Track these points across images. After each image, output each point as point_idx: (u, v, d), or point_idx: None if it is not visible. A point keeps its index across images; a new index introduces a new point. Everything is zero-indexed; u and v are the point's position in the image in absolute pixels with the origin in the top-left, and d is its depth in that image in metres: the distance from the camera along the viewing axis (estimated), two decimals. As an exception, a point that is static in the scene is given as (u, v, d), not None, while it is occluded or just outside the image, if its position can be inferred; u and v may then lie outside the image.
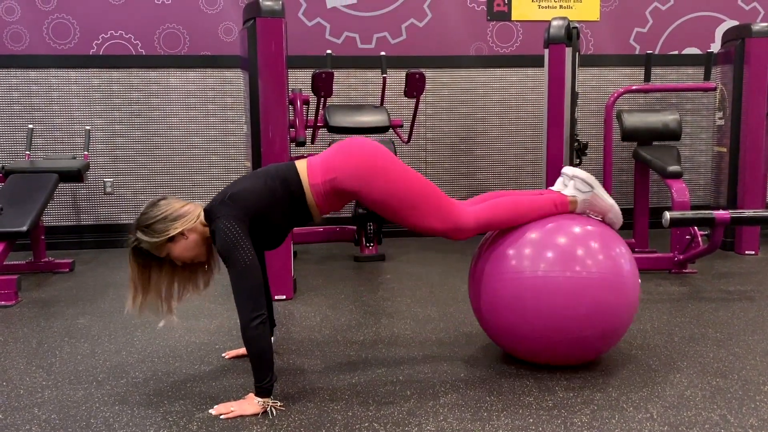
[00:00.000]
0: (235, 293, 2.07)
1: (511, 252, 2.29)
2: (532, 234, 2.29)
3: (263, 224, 2.19)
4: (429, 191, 2.26)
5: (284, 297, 3.34)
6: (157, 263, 2.22)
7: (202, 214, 2.20)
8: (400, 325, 2.95)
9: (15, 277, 3.41)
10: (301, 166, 2.25)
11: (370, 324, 2.97)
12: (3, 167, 4.02)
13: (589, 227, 2.32)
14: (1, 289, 3.35)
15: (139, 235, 2.15)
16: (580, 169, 2.40)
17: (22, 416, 2.10)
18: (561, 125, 3.79)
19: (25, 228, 3.58)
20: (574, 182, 2.38)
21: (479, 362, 2.48)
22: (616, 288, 2.25)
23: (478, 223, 2.29)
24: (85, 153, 4.43)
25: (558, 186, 2.45)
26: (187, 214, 2.17)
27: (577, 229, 2.30)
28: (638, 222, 4.29)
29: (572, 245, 2.26)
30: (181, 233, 2.15)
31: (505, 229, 2.35)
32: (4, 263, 3.67)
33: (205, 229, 2.19)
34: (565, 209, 2.36)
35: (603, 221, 2.41)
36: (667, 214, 3.18)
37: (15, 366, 2.53)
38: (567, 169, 2.42)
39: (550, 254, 2.24)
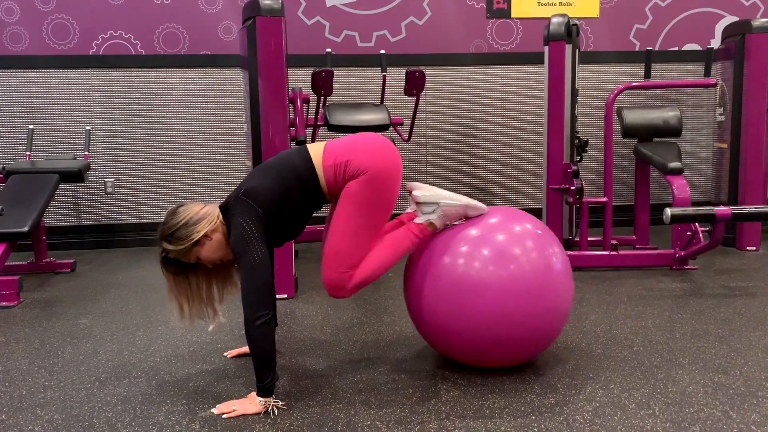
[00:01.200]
0: (242, 290, 2.08)
1: (445, 250, 2.25)
2: (472, 230, 2.25)
3: (281, 215, 2.21)
4: (370, 233, 2.25)
5: (286, 296, 3.35)
6: (191, 270, 2.24)
7: (220, 213, 2.21)
8: (401, 323, 2.95)
9: (17, 277, 3.41)
10: (316, 149, 2.27)
11: (372, 322, 2.98)
12: (4, 168, 4.02)
13: (528, 225, 2.28)
14: (2, 290, 3.36)
15: (165, 245, 2.16)
16: (418, 191, 2.32)
17: (25, 416, 2.11)
18: (561, 122, 3.79)
19: (26, 228, 3.58)
20: (420, 208, 2.33)
21: (481, 360, 2.48)
22: (546, 288, 2.20)
23: (355, 285, 2.26)
24: (86, 153, 4.43)
25: (414, 208, 2.39)
26: (207, 215, 2.18)
27: (517, 228, 2.27)
28: (639, 218, 4.29)
29: (506, 244, 2.22)
30: (205, 235, 2.16)
31: (436, 231, 2.32)
32: (6, 264, 3.67)
33: (224, 226, 2.20)
34: (427, 234, 2.32)
35: (469, 219, 2.33)
36: (668, 211, 3.18)
37: (17, 366, 2.54)
38: (412, 196, 2.35)
39: (486, 252, 2.20)
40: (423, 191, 2.32)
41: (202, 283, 2.27)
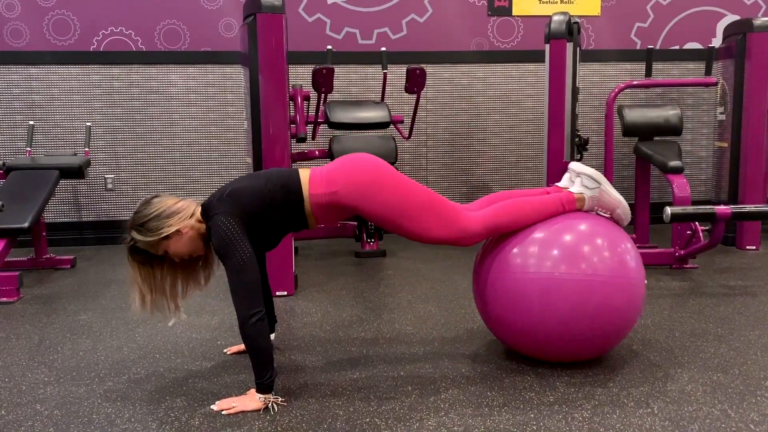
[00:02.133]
0: (232, 291, 2.07)
1: (515, 250, 2.28)
2: (538, 232, 2.29)
3: (259, 225, 2.19)
4: (431, 202, 2.25)
5: (285, 293, 3.35)
6: (157, 261, 2.22)
7: (198, 210, 2.20)
8: (401, 320, 2.95)
9: (16, 273, 3.41)
10: (304, 174, 2.25)
11: (371, 320, 2.98)
12: (4, 164, 4.02)
13: (594, 226, 2.31)
14: (2, 286, 3.36)
15: (134, 234, 2.14)
16: (586, 166, 2.38)
17: (24, 412, 2.11)
18: (562, 120, 3.79)
19: (26, 224, 3.58)
20: (580, 179, 2.36)
21: (480, 358, 2.49)
22: (620, 288, 2.24)
23: (486, 227, 2.28)
24: (86, 149, 4.43)
25: (564, 182, 2.44)
26: (181, 210, 2.17)
27: (582, 227, 2.30)
28: (639, 217, 4.28)
29: (578, 244, 2.25)
30: (177, 230, 2.14)
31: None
32: (6, 260, 3.67)
33: (201, 225, 2.18)
34: (573, 207, 2.35)
35: (611, 218, 2.40)
36: (668, 210, 3.18)
37: (17, 362, 2.54)
38: (574, 165, 2.40)
39: (555, 252, 2.24)
40: (589, 168, 2.35)
41: (167, 276, 2.24)
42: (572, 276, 2.20)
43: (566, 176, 2.44)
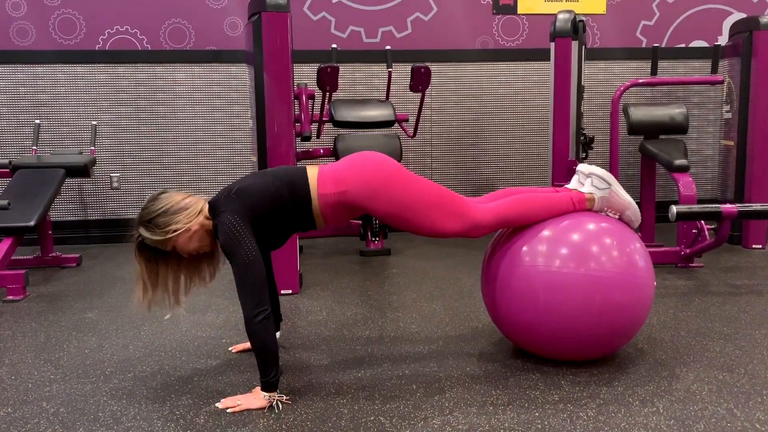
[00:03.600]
0: (238, 288, 2.07)
1: (525, 247, 2.28)
2: (547, 230, 2.28)
3: (265, 224, 2.19)
4: (439, 197, 2.25)
5: (290, 291, 3.35)
6: (163, 257, 2.23)
7: (206, 207, 2.21)
8: (405, 319, 2.95)
9: (23, 271, 3.43)
10: (312, 173, 2.25)
11: (376, 318, 2.98)
12: (10, 162, 4.04)
13: (604, 224, 2.30)
14: (9, 284, 3.38)
15: (142, 230, 2.15)
16: (596, 167, 2.38)
17: (30, 410, 2.12)
18: (567, 119, 3.78)
19: (32, 223, 3.60)
20: (591, 179, 2.35)
21: (485, 357, 2.49)
22: (629, 287, 2.24)
23: (496, 219, 2.28)
24: (92, 148, 4.44)
25: (573, 184, 2.43)
26: (189, 206, 2.17)
27: (591, 226, 2.29)
28: (645, 216, 4.26)
29: (587, 242, 2.25)
30: (185, 225, 2.14)
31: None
32: (12, 258, 3.69)
33: (208, 222, 2.19)
34: (583, 207, 2.34)
35: (620, 219, 2.39)
36: (674, 208, 3.17)
37: (23, 360, 2.55)
38: (583, 167, 2.39)
39: (564, 250, 2.23)
40: (600, 169, 2.35)
41: (171, 272, 2.25)
42: (580, 273, 2.19)
43: (575, 178, 2.43)
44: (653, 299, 2.38)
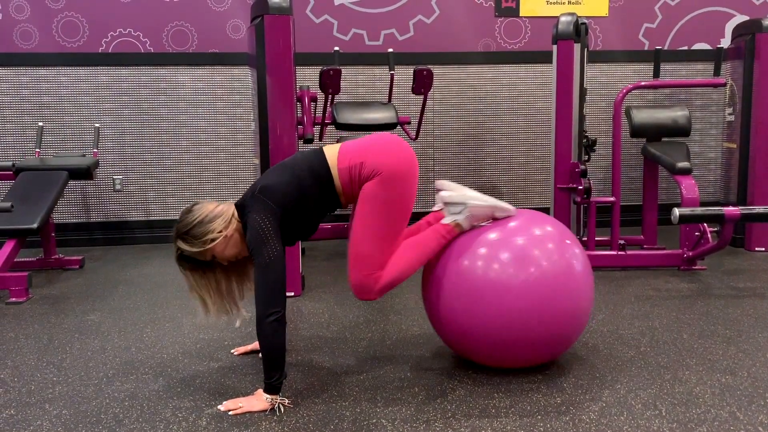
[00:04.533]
0: (255, 286, 2.09)
1: (464, 253, 2.24)
2: (490, 234, 2.25)
3: (295, 214, 2.21)
4: (396, 235, 2.25)
5: (293, 294, 3.35)
6: (208, 267, 2.24)
7: (235, 211, 2.22)
8: (407, 322, 2.95)
9: (26, 273, 3.43)
10: (332, 150, 2.27)
11: (378, 321, 2.98)
12: (13, 165, 4.05)
13: (548, 227, 2.28)
14: (12, 286, 3.38)
15: (180, 243, 2.16)
16: (446, 191, 2.33)
17: (33, 412, 2.12)
18: (569, 121, 3.78)
19: (35, 225, 3.61)
20: (447, 208, 2.33)
21: (487, 359, 2.48)
22: (566, 289, 2.19)
23: (384, 286, 2.25)
24: (95, 150, 4.45)
25: (439, 206, 2.39)
26: (222, 213, 2.19)
27: (537, 231, 2.26)
28: (647, 218, 4.27)
29: (526, 246, 2.21)
30: (221, 233, 2.16)
31: (451, 238, 2.31)
32: (15, 260, 3.70)
33: (240, 225, 2.21)
34: (454, 234, 2.31)
35: (496, 220, 2.32)
36: (676, 211, 3.16)
37: (26, 362, 2.55)
38: (440, 195, 2.35)
39: (505, 255, 2.19)
40: (450, 191, 2.33)
41: (220, 279, 2.27)
42: (517, 277, 2.15)
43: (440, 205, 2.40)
44: (592, 302, 2.33)
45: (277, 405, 2.08)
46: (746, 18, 4.95)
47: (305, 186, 2.21)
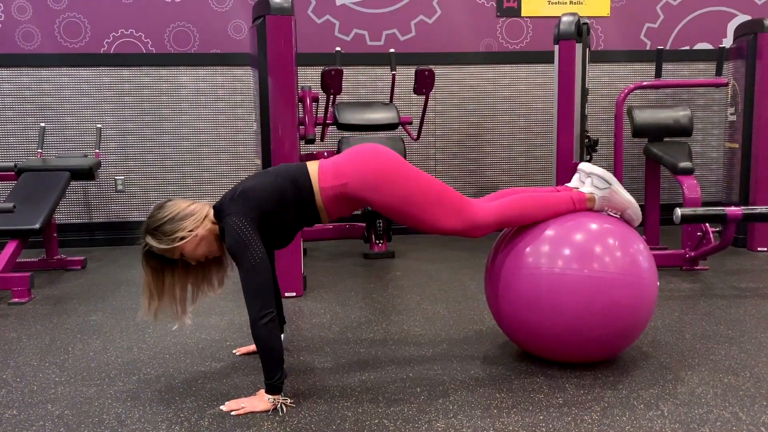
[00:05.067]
0: (244, 291, 2.08)
1: (528, 248, 2.28)
2: (550, 230, 2.28)
3: (272, 223, 2.19)
4: (441, 193, 2.24)
5: (294, 294, 3.35)
6: (170, 266, 2.22)
7: (211, 212, 2.21)
8: (409, 322, 2.95)
9: (28, 274, 3.43)
10: (313, 168, 2.25)
11: (380, 321, 2.98)
12: (16, 165, 4.06)
13: (607, 225, 2.30)
14: (14, 287, 3.39)
15: (149, 239, 2.14)
16: (596, 166, 2.38)
17: (35, 412, 2.12)
18: (571, 121, 3.78)
19: (37, 225, 3.61)
20: (591, 179, 2.35)
21: (489, 359, 2.48)
22: (633, 287, 2.23)
23: (496, 219, 2.27)
24: (97, 151, 4.46)
25: (574, 183, 2.43)
26: (195, 212, 2.17)
27: (594, 227, 2.29)
28: (649, 218, 4.26)
29: (590, 243, 2.24)
30: (191, 231, 2.14)
31: (522, 226, 2.34)
32: (17, 261, 3.70)
33: (215, 226, 2.19)
34: (583, 206, 2.34)
35: (621, 218, 2.39)
36: (678, 211, 3.16)
37: (28, 362, 2.56)
38: (584, 166, 2.39)
39: (567, 251, 2.23)
40: (600, 169, 2.35)
41: (178, 281, 2.24)
42: (583, 273, 2.19)
43: (576, 177, 2.44)
44: (657, 301, 2.38)
45: (279, 405, 2.08)
46: (748, 18, 4.94)
47: (286, 195, 2.19)
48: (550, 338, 2.28)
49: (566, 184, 2.47)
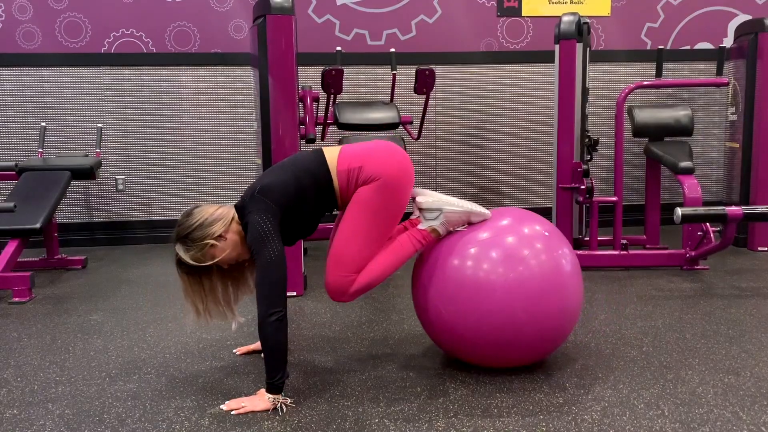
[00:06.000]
0: (257, 286, 2.09)
1: (453, 252, 2.24)
2: (481, 233, 2.25)
3: (294, 215, 2.22)
4: (380, 238, 2.26)
5: (295, 294, 3.36)
6: (205, 271, 2.23)
7: (236, 213, 2.22)
8: (410, 321, 2.95)
9: (28, 273, 3.44)
10: (332, 153, 2.29)
11: (380, 321, 2.98)
12: (16, 165, 4.06)
13: (537, 227, 2.28)
14: (15, 286, 3.39)
15: (180, 247, 2.16)
16: (421, 197, 2.33)
17: (36, 411, 2.13)
18: (572, 121, 3.78)
19: (38, 225, 3.62)
20: (422, 215, 2.33)
21: (489, 359, 2.48)
22: (556, 289, 2.19)
23: (356, 290, 2.27)
24: (97, 150, 4.46)
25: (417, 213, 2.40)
26: (222, 216, 2.19)
27: (526, 230, 2.26)
28: (649, 218, 4.27)
29: (515, 246, 2.20)
30: (220, 236, 2.16)
31: (440, 238, 2.32)
32: (18, 260, 3.70)
33: (240, 227, 2.21)
34: (431, 240, 2.32)
35: (471, 224, 2.31)
36: (679, 211, 3.16)
37: (29, 362, 2.56)
38: (415, 202, 2.35)
39: (494, 254, 2.19)
40: (426, 197, 2.33)
41: (216, 283, 2.27)
42: (506, 276, 2.15)
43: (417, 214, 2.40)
44: (582, 304, 2.32)
45: (279, 405, 2.08)
46: (749, 17, 4.94)
47: (304, 186, 2.22)
48: (473, 343, 2.23)
49: (411, 217, 2.41)
